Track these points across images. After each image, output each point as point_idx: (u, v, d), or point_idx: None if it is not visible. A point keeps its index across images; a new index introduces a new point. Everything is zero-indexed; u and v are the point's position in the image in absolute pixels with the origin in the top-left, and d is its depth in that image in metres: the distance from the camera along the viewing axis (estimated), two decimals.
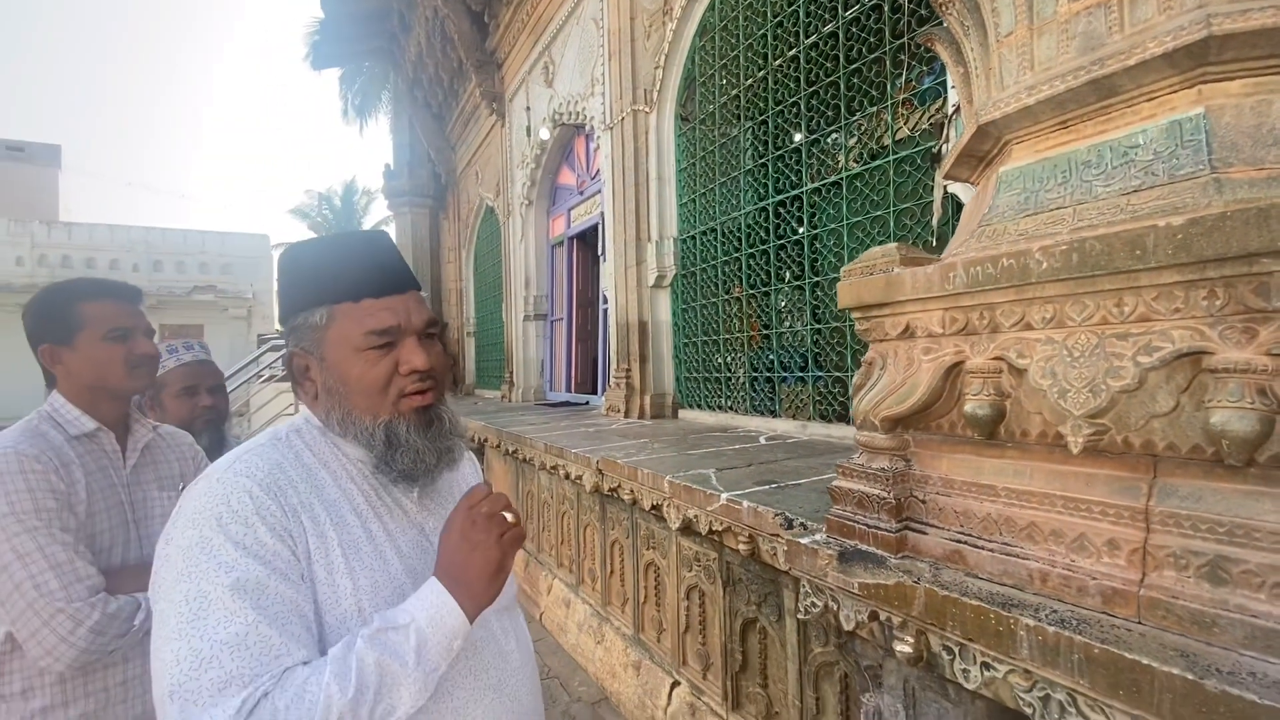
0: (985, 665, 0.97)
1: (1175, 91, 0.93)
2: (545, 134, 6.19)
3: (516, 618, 0.98)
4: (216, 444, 1.77)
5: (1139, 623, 0.86)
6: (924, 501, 1.17)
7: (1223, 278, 0.79)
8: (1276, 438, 0.78)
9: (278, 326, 0.98)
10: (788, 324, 3.47)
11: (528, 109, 6.50)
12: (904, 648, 1.09)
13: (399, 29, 9.03)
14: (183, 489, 0.94)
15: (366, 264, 0.82)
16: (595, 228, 5.81)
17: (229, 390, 2.16)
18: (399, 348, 0.82)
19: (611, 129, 4.63)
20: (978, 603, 0.97)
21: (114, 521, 1.23)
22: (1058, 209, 1.02)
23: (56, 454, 1.17)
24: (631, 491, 2.46)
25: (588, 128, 5.46)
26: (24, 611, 1.05)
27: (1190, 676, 0.74)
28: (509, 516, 0.82)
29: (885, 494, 1.19)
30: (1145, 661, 0.78)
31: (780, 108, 3.32)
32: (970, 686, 1.00)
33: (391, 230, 10.66)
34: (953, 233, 1.41)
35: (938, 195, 2.27)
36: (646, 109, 4.32)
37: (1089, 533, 0.93)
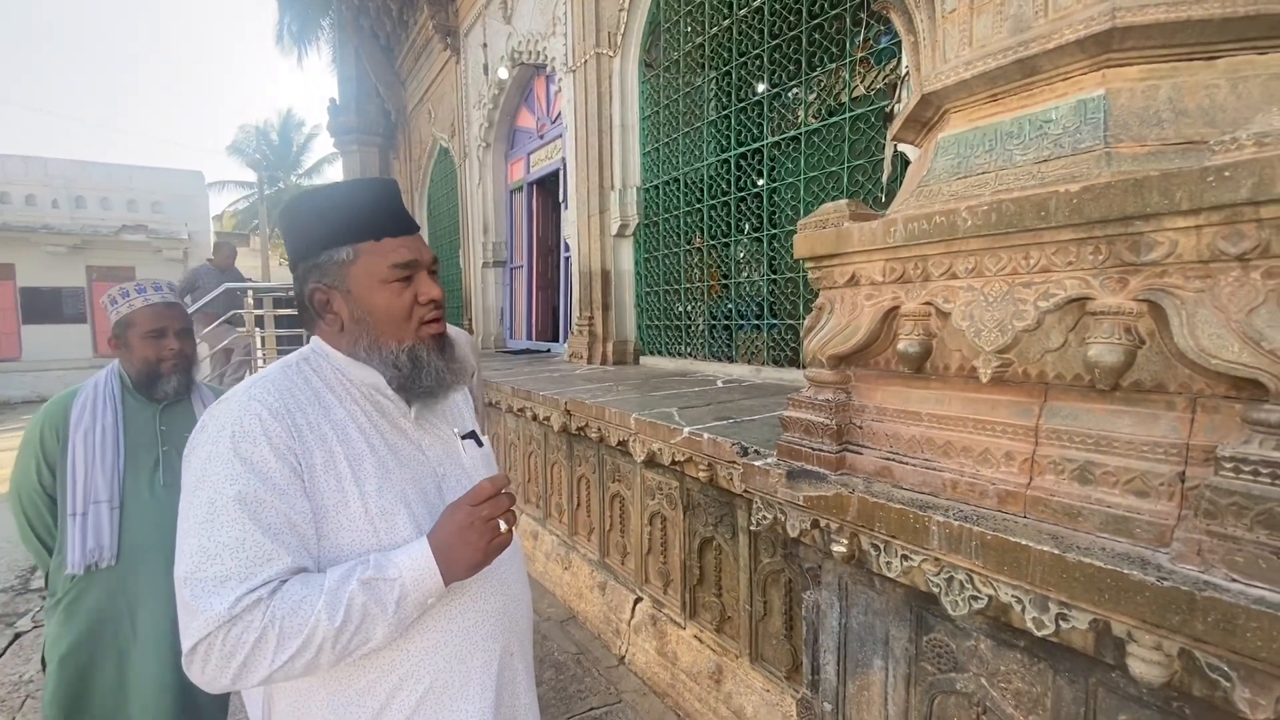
0: (904, 557, 1.18)
1: (1085, 74, 1.08)
2: (504, 73, 6.02)
3: None
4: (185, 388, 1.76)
5: (1024, 517, 1.07)
6: (860, 427, 1.36)
7: (1105, 236, 0.96)
8: (1135, 368, 0.97)
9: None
10: (746, 274, 3.62)
11: (484, 46, 6.28)
12: (839, 548, 1.29)
13: None
14: None
15: (384, 207, 0.92)
16: (556, 174, 5.76)
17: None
18: (415, 281, 0.92)
19: (574, 71, 4.57)
20: (900, 506, 1.16)
21: None
22: (984, 173, 1.18)
23: None
24: (599, 430, 2.61)
25: (548, 69, 5.35)
26: None
27: (1056, 552, 0.94)
28: (503, 526, 0.90)
29: (828, 421, 1.37)
30: (1024, 543, 0.98)
31: (744, 59, 3.37)
32: (892, 575, 1.20)
33: (338, 169, 10.19)
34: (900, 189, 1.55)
35: (888, 153, 2.42)
36: (610, 53, 4.28)
37: (991, 447, 1.13)
